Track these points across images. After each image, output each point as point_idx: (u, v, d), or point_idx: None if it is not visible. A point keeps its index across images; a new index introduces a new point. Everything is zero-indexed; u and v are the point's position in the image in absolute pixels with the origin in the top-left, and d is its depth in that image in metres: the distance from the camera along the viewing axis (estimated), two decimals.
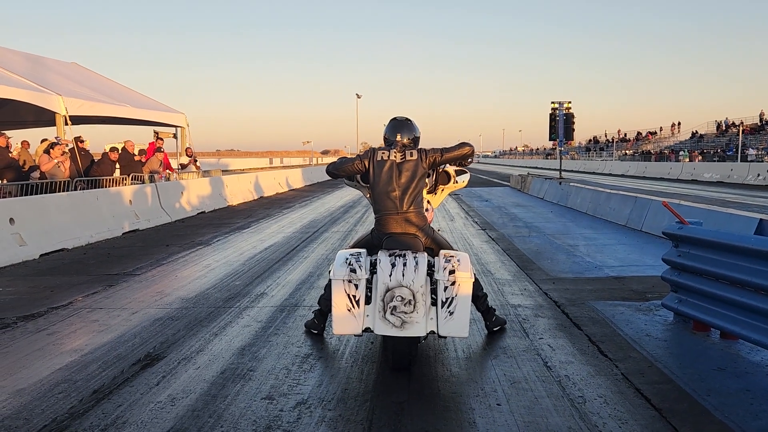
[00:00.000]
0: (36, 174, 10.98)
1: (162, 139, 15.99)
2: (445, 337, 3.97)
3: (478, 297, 4.47)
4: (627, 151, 54.85)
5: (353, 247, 4.22)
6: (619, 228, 11.10)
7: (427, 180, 4.41)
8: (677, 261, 4.79)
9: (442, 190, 4.88)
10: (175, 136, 17.97)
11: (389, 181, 4.09)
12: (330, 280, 3.88)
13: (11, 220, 8.17)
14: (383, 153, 4.17)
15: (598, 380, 3.71)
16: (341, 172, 4.33)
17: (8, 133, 11.99)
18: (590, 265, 7.50)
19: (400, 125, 4.33)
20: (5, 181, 10.02)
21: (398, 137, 4.26)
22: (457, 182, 4.85)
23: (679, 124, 54.09)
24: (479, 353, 4.27)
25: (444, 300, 3.69)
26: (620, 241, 9.49)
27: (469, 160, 4.47)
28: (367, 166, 4.19)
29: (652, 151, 49.21)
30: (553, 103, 19.87)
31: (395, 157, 4.13)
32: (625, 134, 61.06)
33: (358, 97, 57.75)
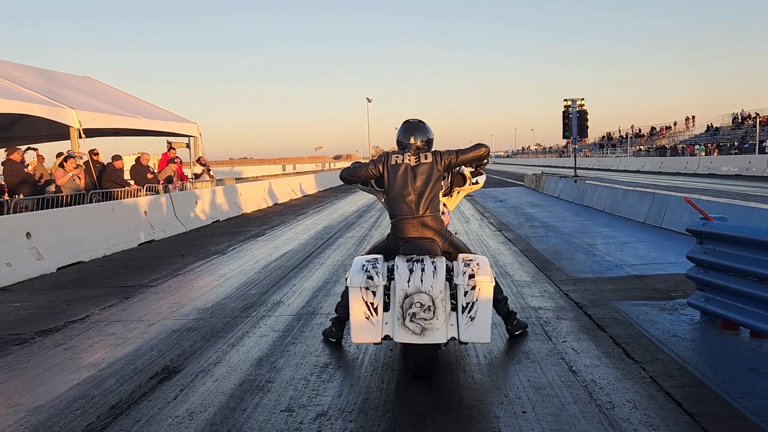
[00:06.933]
0: (51, 188, 11.05)
1: (175, 149, 16.05)
2: (467, 343, 3.89)
3: (499, 300, 4.38)
4: (641, 147, 54.22)
5: (369, 253, 4.15)
6: (637, 225, 10.92)
7: (442, 183, 4.32)
8: (702, 258, 4.66)
9: (458, 192, 4.78)
10: (188, 145, 18.04)
11: (404, 185, 4.02)
12: (347, 288, 3.81)
13: (28, 235, 8.21)
14: (397, 157, 4.10)
15: (626, 384, 3.60)
16: (355, 177, 4.26)
17: (23, 147, 12.10)
18: (610, 264, 7.36)
19: (412, 128, 4.24)
20: (21, 196, 10.08)
21: (411, 140, 4.18)
22: (473, 184, 4.76)
23: (693, 117, 53.42)
24: (502, 359, 4.17)
25: (464, 305, 3.59)
26: (640, 238, 9.32)
27: (485, 161, 4.38)
28: (381, 170, 4.12)
29: (667, 146, 48.62)
30: (566, 100, 19.72)
31: (410, 160, 4.06)
32: (639, 129, 60.39)
33: (369, 101, 57.81)
